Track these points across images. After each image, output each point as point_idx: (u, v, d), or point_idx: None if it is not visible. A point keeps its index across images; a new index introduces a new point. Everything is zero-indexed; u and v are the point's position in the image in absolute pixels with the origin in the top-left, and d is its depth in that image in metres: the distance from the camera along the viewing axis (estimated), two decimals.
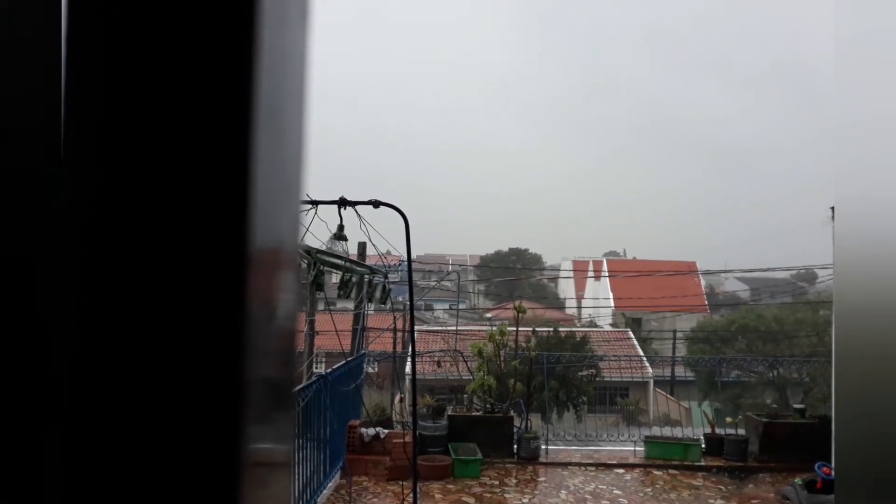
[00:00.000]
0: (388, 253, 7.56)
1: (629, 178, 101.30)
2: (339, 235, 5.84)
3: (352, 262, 7.19)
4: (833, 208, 8.50)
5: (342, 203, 5.46)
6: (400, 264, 10.83)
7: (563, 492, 8.38)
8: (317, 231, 5.80)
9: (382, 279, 8.63)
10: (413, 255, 5.76)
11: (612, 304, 40.22)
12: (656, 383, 26.69)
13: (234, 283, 0.46)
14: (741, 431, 9.98)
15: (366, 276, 9.01)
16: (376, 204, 5.41)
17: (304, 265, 6.14)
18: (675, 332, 28.91)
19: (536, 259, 62.31)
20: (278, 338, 0.56)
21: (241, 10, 0.45)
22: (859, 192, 1.68)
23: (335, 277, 9.07)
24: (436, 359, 15.17)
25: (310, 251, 5.81)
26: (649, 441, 9.94)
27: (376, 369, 18.49)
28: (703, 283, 43.51)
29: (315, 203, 5.36)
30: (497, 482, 8.62)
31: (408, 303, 8.01)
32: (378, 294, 8.66)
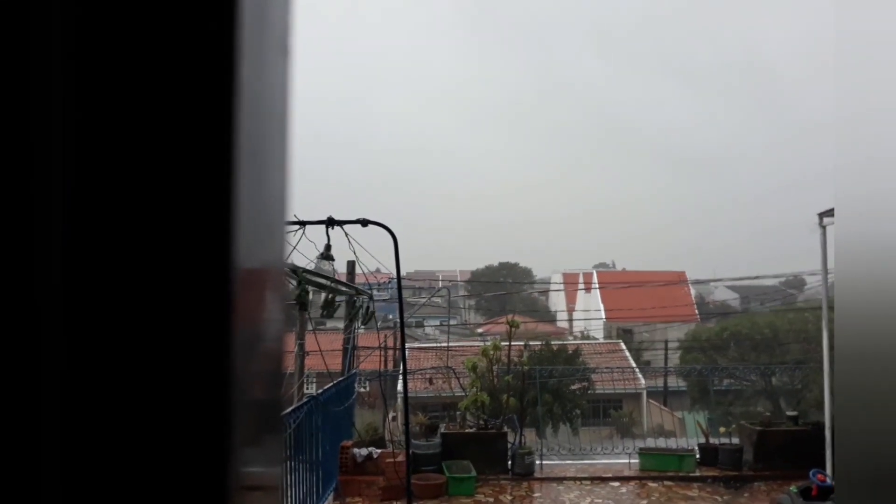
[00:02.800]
0: (378, 271, 7.55)
1: (602, 185, 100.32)
2: (327, 255, 5.83)
3: (337, 282, 7.17)
4: (821, 214, 8.56)
5: (330, 223, 5.46)
6: (389, 282, 10.82)
7: None
8: (304, 250, 5.79)
9: (367, 300, 8.62)
10: (403, 272, 5.75)
11: (604, 316, 40.32)
12: (649, 394, 26.73)
13: (218, 304, 0.45)
14: (735, 440, 9.98)
15: (351, 297, 9.00)
16: (365, 223, 5.41)
17: (292, 285, 6.11)
18: (666, 342, 28.93)
19: (527, 273, 62.41)
20: (265, 359, 0.55)
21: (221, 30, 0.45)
22: (858, 198, 1.69)
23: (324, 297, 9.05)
24: (427, 376, 15.12)
25: (295, 270, 5.79)
26: (644, 453, 9.93)
27: (368, 388, 18.40)
28: (692, 292, 43.67)
29: (303, 223, 5.36)
30: (492, 499, 8.57)
31: (398, 321, 7.99)
32: (361, 315, 8.64)
